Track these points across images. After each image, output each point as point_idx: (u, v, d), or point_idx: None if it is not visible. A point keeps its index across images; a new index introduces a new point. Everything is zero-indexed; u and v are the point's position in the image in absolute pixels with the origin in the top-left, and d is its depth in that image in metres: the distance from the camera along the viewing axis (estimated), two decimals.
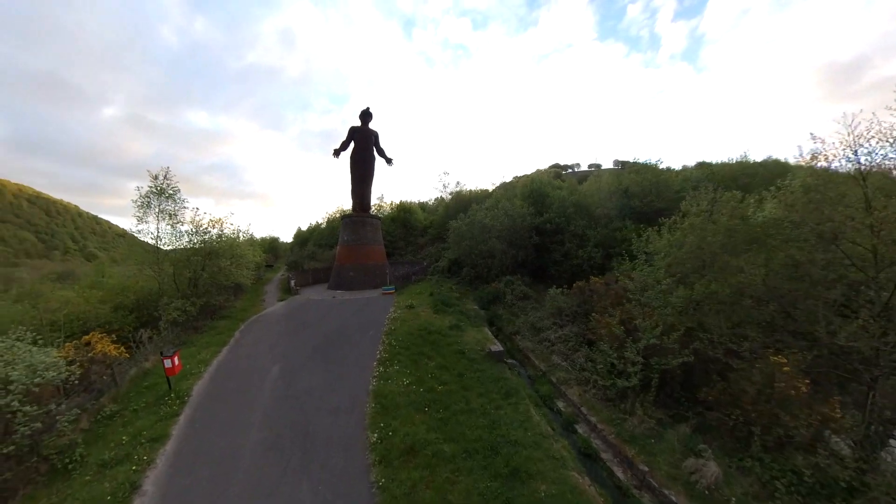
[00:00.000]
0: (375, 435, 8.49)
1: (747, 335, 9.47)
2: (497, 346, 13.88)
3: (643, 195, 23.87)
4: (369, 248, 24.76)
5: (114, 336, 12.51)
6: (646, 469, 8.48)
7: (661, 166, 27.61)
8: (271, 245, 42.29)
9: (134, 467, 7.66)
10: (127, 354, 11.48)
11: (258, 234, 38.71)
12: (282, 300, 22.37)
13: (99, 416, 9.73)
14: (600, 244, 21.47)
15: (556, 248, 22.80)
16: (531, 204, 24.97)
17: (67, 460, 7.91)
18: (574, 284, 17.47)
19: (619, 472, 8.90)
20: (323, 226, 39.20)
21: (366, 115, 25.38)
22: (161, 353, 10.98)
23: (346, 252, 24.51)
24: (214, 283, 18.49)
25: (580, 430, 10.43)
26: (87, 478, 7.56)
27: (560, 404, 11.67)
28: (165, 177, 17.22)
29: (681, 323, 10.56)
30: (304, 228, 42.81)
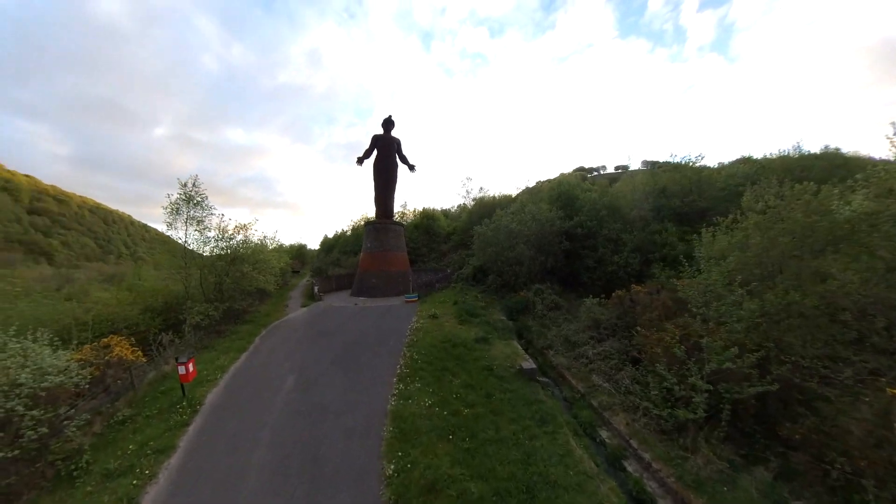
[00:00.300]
0: (392, 466, 7.22)
1: (848, 358, 7.52)
2: (529, 363, 12.27)
3: (683, 194, 21.64)
4: (392, 254, 23.95)
5: (132, 339, 11.97)
6: None
7: (700, 163, 24.95)
8: (299, 252, 42.35)
9: (135, 481, 7.12)
10: (144, 358, 10.89)
11: (287, 242, 38.95)
12: (305, 306, 21.73)
13: (112, 421, 9.37)
14: (637, 249, 19.43)
15: (587, 253, 20.94)
16: (559, 207, 23.22)
17: (73, 467, 7.55)
18: (613, 294, 15.63)
19: None
20: (348, 233, 38.82)
21: (388, 124, 25.00)
22: (176, 359, 10.19)
23: (369, 259, 23.81)
24: (238, 288, 18.07)
25: (630, 468, 8.61)
26: (89, 488, 7.11)
27: (604, 434, 9.84)
28: (194, 184, 17.17)
29: (754, 342, 8.70)
30: (330, 236, 42.61)
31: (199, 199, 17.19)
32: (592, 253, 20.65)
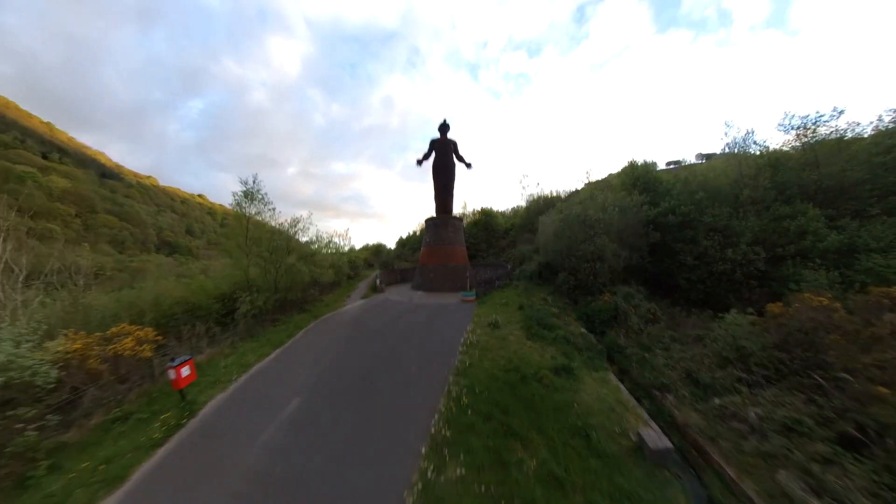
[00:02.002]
0: None
1: None
2: (658, 437, 6.52)
3: (825, 161, 13.38)
4: (451, 248, 20.68)
5: (153, 331, 9.68)
6: None
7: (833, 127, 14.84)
8: (377, 250, 42.04)
9: None
10: (148, 353, 8.36)
11: (372, 242, 39.40)
12: (364, 297, 19.14)
13: (107, 418, 7.33)
14: (757, 241, 12.64)
15: (683, 247, 14.30)
16: (640, 192, 16.79)
17: (29, 474, 5.71)
18: (766, 308, 8.94)
19: None
20: (417, 233, 37.42)
21: (444, 127, 22.90)
22: (170, 361, 7.47)
23: (429, 253, 20.95)
24: (292, 279, 15.75)
25: None
26: None
27: None
28: (254, 182, 15.07)
29: None
30: (403, 237, 42.01)
31: (259, 196, 15.12)
32: (692, 247, 13.97)
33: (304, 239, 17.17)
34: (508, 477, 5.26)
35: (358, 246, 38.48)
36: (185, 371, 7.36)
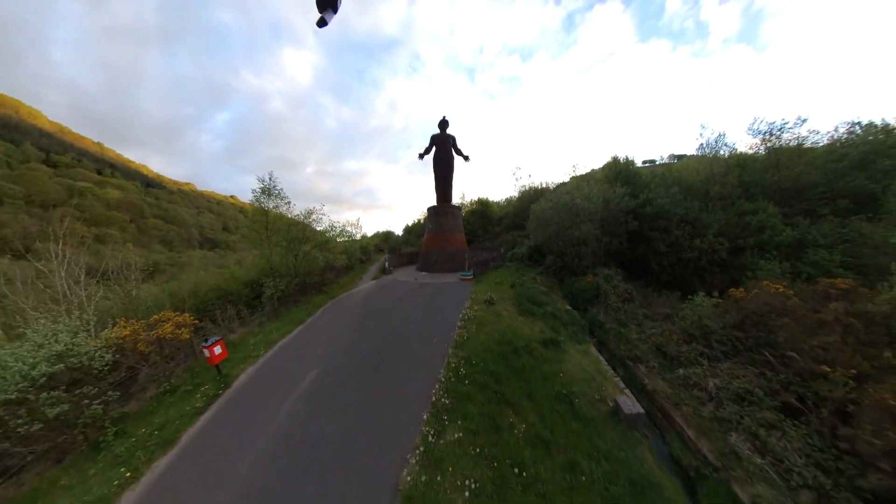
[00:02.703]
0: None
1: None
2: (632, 403, 6.78)
3: (786, 165, 13.39)
4: (451, 234, 20.51)
5: (189, 315, 9.87)
6: None
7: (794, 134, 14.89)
8: (386, 236, 41.61)
9: (128, 474, 5.23)
10: (187, 335, 8.55)
11: (381, 229, 38.68)
12: (375, 278, 19.17)
13: (159, 391, 7.57)
14: (723, 233, 12.70)
15: (658, 236, 14.33)
16: (622, 184, 16.57)
17: (101, 439, 6.12)
18: (728, 293, 9.00)
19: None
20: (421, 220, 36.93)
21: (443, 124, 22.14)
22: (203, 341, 7.65)
23: (431, 238, 20.71)
24: (309, 264, 15.69)
25: None
26: (92, 473, 5.41)
27: None
28: (270, 178, 14.73)
29: None
30: (409, 224, 41.80)
31: (276, 191, 14.77)
32: (664, 235, 13.99)
33: (319, 228, 16.77)
34: (500, 439, 5.43)
35: (370, 233, 38.22)
36: (217, 350, 7.56)
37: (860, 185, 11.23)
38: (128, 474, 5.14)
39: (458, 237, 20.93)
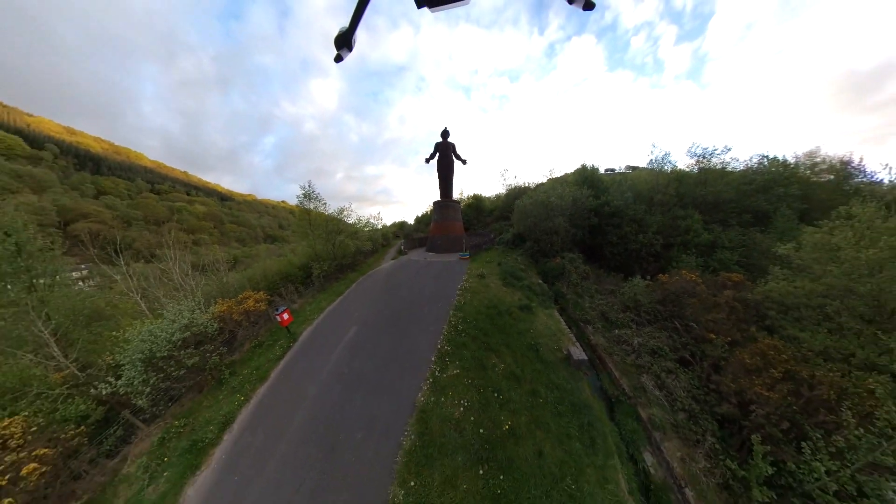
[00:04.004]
0: (402, 493, 4.02)
1: None
2: (578, 351, 7.71)
3: (711, 183, 13.98)
4: (452, 223, 20.82)
5: (262, 293, 10.72)
6: None
7: (719, 160, 15.46)
8: (401, 225, 42.88)
9: (239, 399, 6.24)
10: (263, 307, 9.52)
11: (397, 219, 38.50)
12: (394, 259, 19.65)
13: (252, 344, 8.60)
14: (660, 232, 13.21)
15: (612, 230, 14.84)
16: (588, 187, 16.67)
17: (222, 377, 7.22)
18: (658, 278, 9.66)
19: None
20: (428, 212, 35.71)
21: (445, 133, 22.01)
22: (276, 310, 8.40)
23: (436, 227, 20.99)
24: (343, 250, 16.39)
25: None
26: (220, 397, 6.51)
27: (648, 459, 5.48)
28: (309, 185, 15.13)
29: None
30: (419, 215, 40.40)
31: (314, 195, 15.22)
32: (617, 230, 14.51)
33: (350, 221, 17.34)
34: (485, 374, 6.24)
35: (388, 223, 38.56)
36: (285, 315, 8.09)
37: (760, 205, 11.89)
38: (241, 398, 6.31)
39: (457, 226, 21.31)
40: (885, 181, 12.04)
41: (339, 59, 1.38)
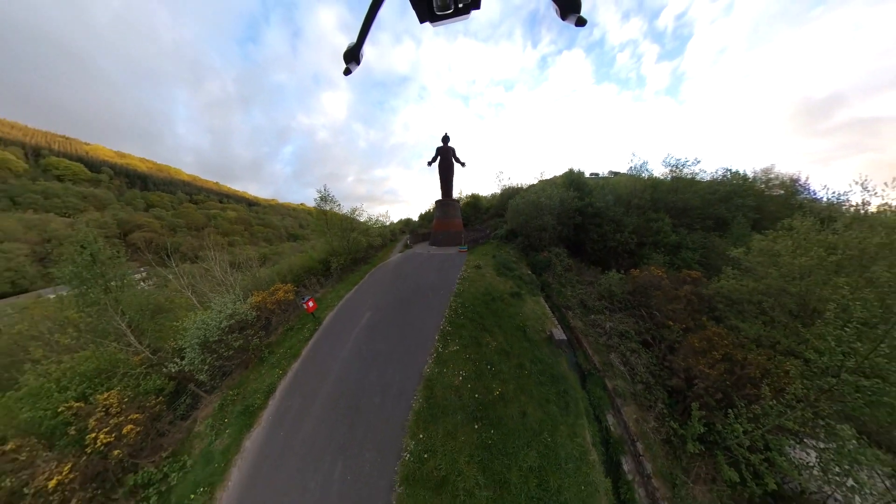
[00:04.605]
0: (413, 443, 4.64)
1: None
2: (560, 333, 8.14)
3: (681, 190, 14.30)
4: (452, 220, 21.10)
5: (290, 285, 11.18)
6: None
7: (689, 170, 15.73)
8: (407, 222, 42.52)
9: (278, 373, 6.73)
10: (292, 296, 10.00)
11: (404, 217, 38.29)
12: (401, 252, 19.97)
13: (285, 328, 9.01)
14: (634, 231, 13.57)
15: (594, 229, 15.16)
16: (574, 189, 16.89)
17: (262, 356, 7.67)
18: (630, 272, 10.07)
19: None
20: (431, 210, 36.20)
21: (446, 138, 21.97)
22: (302, 299, 8.92)
23: (438, 223, 21.27)
24: (356, 245, 16.72)
25: (625, 467, 4.91)
26: (263, 372, 6.96)
27: (610, 420, 6.12)
28: (325, 189, 15.53)
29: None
30: (423, 212, 40.75)
31: (330, 198, 15.53)
32: (598, 229, 14.83)
33: (361, 220, 17.51)
34: (480, 350, 6.73)
35: (395, 220, 38.46)
36: (310, 303, 8.48)
37: (721, 213, 12.36)
38: (280, 372, 6.97)
39: (457, 222, 21.46)
40: (824, 199, 12.71)
41: (347, 72, 1.35)
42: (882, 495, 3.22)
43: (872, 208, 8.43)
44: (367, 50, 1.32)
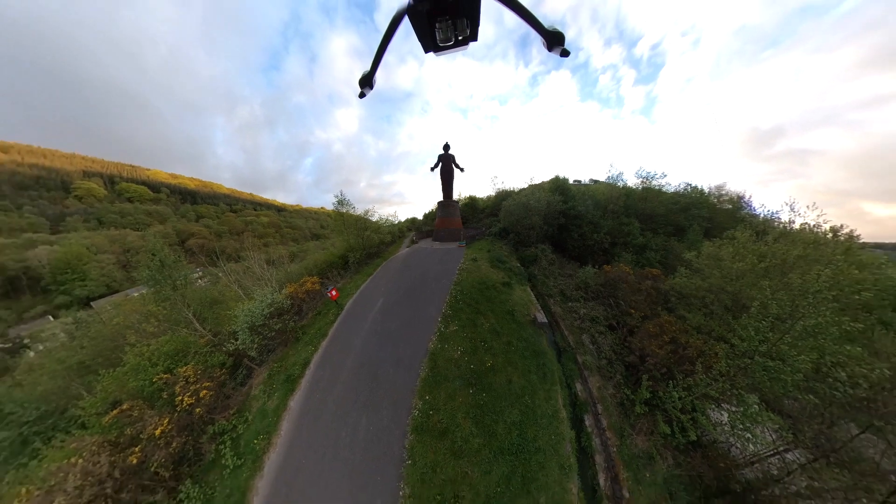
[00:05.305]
0: (421, 403, 5.27)
1: None
2: (542, 316, 8.41)
3: (650, 200, 15.00)
4: (452, 219, 21.38)
5: (316, 277, 11.64)
6: (626, 495, 4.04)
7: (655, 183, 16.32)
8: (412, 221, 41.91)
9: (311, 349, 7.15)
10: (318, 287, 10.50)
11: (410, 216, 39.68)
12: (408, 247, 20.19)
13: (314, 313, 9.35)
14: (609, 233, 14.07)
15: (575, 229, 15.55)
16: (559, 194, 16.98)
17: (297, 336, 8.14)
18: (603, 267, 10.51)
19: (602, 480, 4.28)
20: (433, 210, 36.28)
21: (446, 147, 21.92)
22: (326, 288, 9.40)
23: (440, 221, 21.62)
24: (369, 242, 17.05)
25: (587, 423, 5.61)
26: (299, 348, 7.39)
27: (578, 387, 6.78)
28: (341, 194, 15.98)
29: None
30: (427, 212, 41.38)
31: (347, 202, 15.80)
32: (578, 229, 15.25)
33: (373, 220, 17.74)
34: (476, 330, 7.16)
35: (402, 219, 38.13)
36: (333, 292, 8.87)
37: (680, 221, 13.09)
38: (312, 348, 7.52)
39: (457, 221, 21.49)
40: (761, 215, 14.15)
41: (362, 95, 1.34)
42: (769, 445, 3.84)
43: (796, 226, 8.86)
44: (377, 72, 1.29)
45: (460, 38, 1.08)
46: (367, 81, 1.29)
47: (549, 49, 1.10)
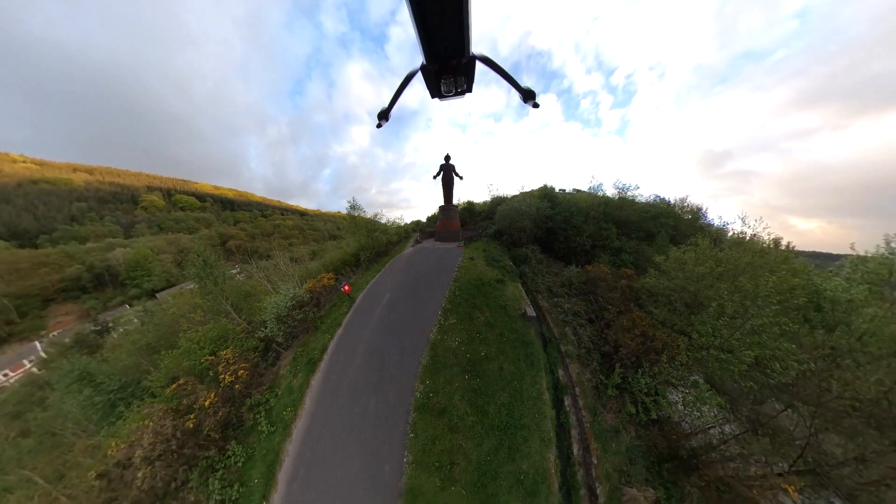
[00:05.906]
0: (422, 386, 5.52)
1: None
2: (531, 310, 8.51)
3: (625, 208, 15.25)
4: (452, 221, 21.53)
5: (332, 273, 11.94)
6: (594, 461, 4.44)
7: (631, 193, 16.53)
8: (417, 223, 41.82)
9: (328, 336, 7.31)
10: (333, 282, 10.74)
11: (414, 219, 39.02)
12: (412, 247, 20.31)
13: (330, 305, 9.43)
14: (590, 236, 14.32)
15: (561, 232, 15.76)
16: (547, 200, 17.28)
17: (316, 325, 8.25)
18: (586, 267, 10.64)
19: (575, 450, 4.66)
20: (435, 213, 35.57)
21: (447, 157, 22.01)
22: (340, 284, 9.89)
23: (441, 224, 21.85)
24: (378, 242, 17.18)
25: (566, 403, 5.90)
26: (318, 336, 7.54)
27: (560, 373, 7.03)
28: (354, 200, 16.14)
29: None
30: (430, 215, 40.75)
31: (358, 207, 16.01)
32: (564, 233, 15.47)
33: (382, 222, 17.94)
34: (472, 323, 7.20)
35: (408, 221, 38.08)
36: (347, 287, 9.02)
37: (650, 228, 13.48)
38: (328, 336, 7.67)
39: (456, 223, 21.48)
40: (716, 225, 15.26)
41: (379, 125, 1.45)
42: (711, 420, 4.14)
43: (747, 237, 8.99)
44: (392, 110, 1.45)
45: (459, 90, 1.23)
46: (384, 116, 1.46)
47: (525, 102, 1.28)
